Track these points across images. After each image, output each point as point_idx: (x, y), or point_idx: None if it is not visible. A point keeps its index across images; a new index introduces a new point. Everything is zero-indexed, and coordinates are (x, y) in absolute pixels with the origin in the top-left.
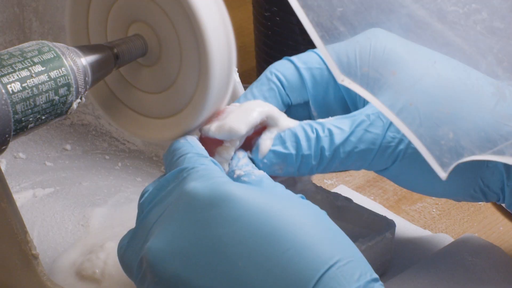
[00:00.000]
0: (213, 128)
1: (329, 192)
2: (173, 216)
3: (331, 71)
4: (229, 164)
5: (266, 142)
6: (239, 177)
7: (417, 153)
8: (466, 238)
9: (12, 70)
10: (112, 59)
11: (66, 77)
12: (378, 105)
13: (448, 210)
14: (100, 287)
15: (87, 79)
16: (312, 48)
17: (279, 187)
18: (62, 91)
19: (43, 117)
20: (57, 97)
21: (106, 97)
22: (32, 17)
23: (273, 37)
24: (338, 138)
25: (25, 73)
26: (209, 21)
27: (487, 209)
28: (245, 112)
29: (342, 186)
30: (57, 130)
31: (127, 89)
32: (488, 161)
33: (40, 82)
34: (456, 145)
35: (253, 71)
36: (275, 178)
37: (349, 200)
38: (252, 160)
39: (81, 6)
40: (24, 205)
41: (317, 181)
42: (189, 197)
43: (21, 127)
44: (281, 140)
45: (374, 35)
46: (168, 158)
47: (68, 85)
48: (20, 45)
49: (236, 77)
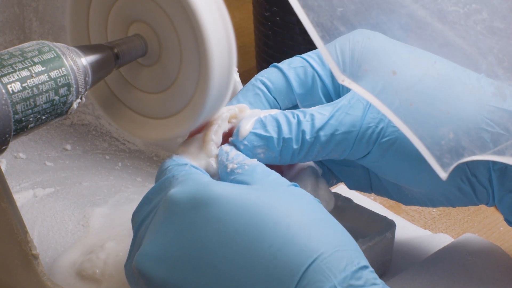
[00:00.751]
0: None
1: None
2: (158, 224)
3: (314, 67)
4: (217, 161)
5: (247, 125)
6: (232, 170)
7: (398, 137)
8: (466, 238)
9: (12, 70)
10: (112, 59)
11: (66, 77)
12: (378, 105)
13: (448, 210)
14: (100, 287)
15: (87, 79)
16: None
17: (273, 175)
18: (62, 91)
19: (43, 117)
20: (57, 97)
21: (106, 97)
22: (32, 17)
23: (273, 37)
24: (319, 122)
25: (25, 73)
26: (209, 21)
27: (487, 209)
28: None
29: (342, 186)
30: (57, 130)
31: (127, 89)
32: None
33: (40, 82)
34: (456, 145)
35: (253, 71)
36: None
37: (349, 200)
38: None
39: (81, 6)
40: (24, 205)
41: None
42: (170, 203)
43: (21, 127)
44: (261, 123)
45: (374, 35)
46: (156, 178)
47: (68, 85)
48: (20, 45)
49: (236, 77)
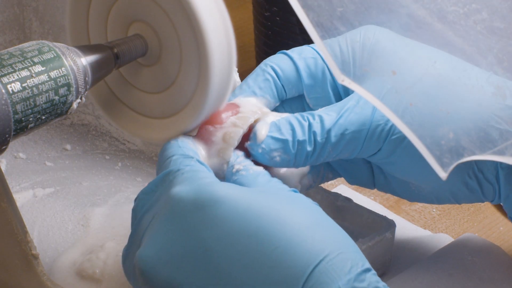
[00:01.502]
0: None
1: (329, 192)
2: (160, 223)
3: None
4: (227, 164)
5: (263, 129)
6: (237, 171)
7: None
8: (466, 237)
9: (12, 70)
10: (112, 59)
11: (66, 77)
12: (378, 105)
13: (448, 210)
14: (100, 287)
15: (87, 79)
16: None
17: (274, 181)
18: (62, 91)
19: (43, 117)
20: (57, 97)
21: (106, 97)
22: (32, 17)
23: (273, 37)
24: (328, 122)
25: (25, 73)
26: (209, 21)
27: (487, 209)
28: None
29: (342, 186)
30: (57, 130)
31: (127, 89)
32: None
33: (40, 82)
34: (456, 145)
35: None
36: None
37: (349, 200)
38: (249, 155)
39: (81, 6)
40: (24, 205)
41: None
42: (174, 202)
43: (21, 127)
44: (276, 127)
45: (374, 35)
46: (158, 161)
47: (68, 85)
48: (20, 45)
49: (236, 77)
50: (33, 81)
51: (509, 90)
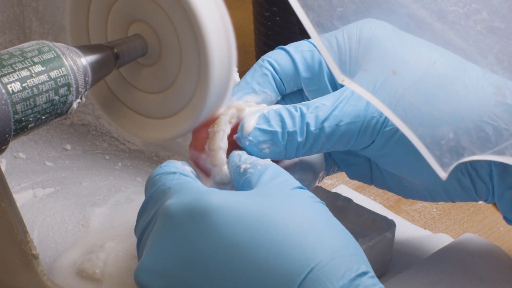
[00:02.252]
0: None
1: (329, 192)
2: (154, 238)
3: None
4: (227, 166)
5: (250, 121)
6: (245, 170)
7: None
8: (466, 238)
9: (12, 70)
10: (112, 59)
11: (66, 77)
12: (378, 105)
13: (448, 210)
14: (100, 287)
15: (87, 79)
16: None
17: (282, 176)
18: (62, 91)
19: (43, 117)
20: (57, 97)
21: (106, 97)
22: (32, 17)
23: (273, 37)
24: (323, 113)
25: (25, 73)
26: (209, 21)
27: (487, 209)
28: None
29: (342, 186)
30: (57, 130)
31: (127, 89)
32: None
33: (40, 82)
34: (456, 145)
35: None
36: None
37: (349, 200)
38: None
39: (81, 6)
40: (24, 205)
41: None
42: (165, 216)
43: (21, 127)
44: (265, 118)
45: (373, 32)
46: (146, 187)
47: (68, 85)
48: (20, 45)
49: (236, 77)
50: (33, 81)
51: (509, 90)
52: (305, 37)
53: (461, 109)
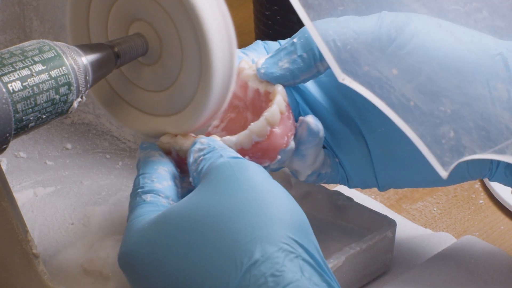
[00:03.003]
0: None
1: (330, 190)
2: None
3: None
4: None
5: (260, 60)
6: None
7: None
8: (468, 240)
9: (13, 69)
10: (112, 58)
11: (66, 76)
12: (378, 104)
13: (449, 209)
14: (100, 287)
15: (87, 78)
16: None
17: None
18: (62, 90)
19: (43, 116)
20: (57, 96)
21: (108, 95)
22: (33, 16)
23: (274, 36)
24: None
25: (25, 72)
26: (210, 20)
27: (488, 208)
28: None
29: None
30: (57, 129)
31: (129, 87)
32: None
33: (40, 81)
34: (457, 144)
35: None
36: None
37: (350, 199)
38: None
39: (82, 5)
40: (25, 204)
41: None
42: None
43: (21, 126)
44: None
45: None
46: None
47: (68, 84)
48: (21, 44)
49: None
50: (33, 80)
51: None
52: None
53: (462, 108)
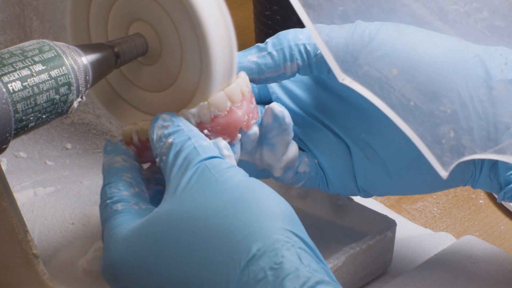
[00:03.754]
0: None
1: None
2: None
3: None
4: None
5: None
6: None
7: None
8: (468, 240)
9: (13, 69)
10: (112, 58)
11: (66, 76)
12: (379, 104)
13: (449, 209)
14: (100, 287)
15: (87, 78)
16: None
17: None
18: (62, 90)
19: (43, 116)
20: (57, 96)
21: (109, 95)
22: (33, 16)
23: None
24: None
25: (25, 72)
26: (210, 20)
27: (488, 208)
28: None
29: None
30: (57, 129)
31: (129, 87)
32: None
33: (40, 81)
34: (457, 144)
35: None
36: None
37: (350, 199)
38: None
39: (82, 5)
40: (25, 204)
41: None
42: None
43: (21, 126)
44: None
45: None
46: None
47: (68, 84)
48: (21, 44)
49: None
50: (33, 80)
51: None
52: None
53: (462, 108)
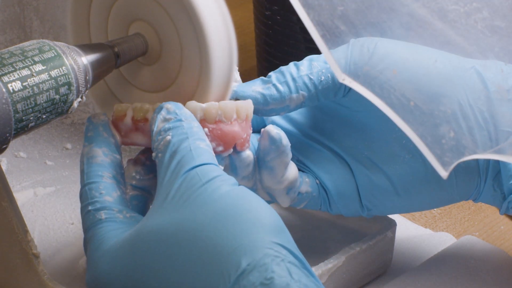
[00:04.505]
0: None
1: None
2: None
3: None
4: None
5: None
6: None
7: None
8: (467, 240)
9: (13, 69)
10: (112, 58)
11: (66, 76)
12: (379, 104)
13: (449, 209)
14: None
15: (87, 78)
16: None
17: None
18: (62, 90)
19: (43, 116)
20: (57, 96)
21: (105, 96)
22: (33, 16)
23: (274, 36)
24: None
25: (25, 72)
26: (210, 20)
27: (488, 208)
28: None
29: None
30: (57, 129)
31: (126, 88)
32: None
33: (40, 81)
34: (457, 144)
35: (253, 70)
36: None
37: None
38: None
39: (82, 5)
40: (24, 204)
41: None
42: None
43: (21, 126)
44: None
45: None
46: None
47: (68, 84)
48: (21, 44)
49: (237, 76)
50: (33, 80)
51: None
52: (306, 36)
53: (462, 108)
